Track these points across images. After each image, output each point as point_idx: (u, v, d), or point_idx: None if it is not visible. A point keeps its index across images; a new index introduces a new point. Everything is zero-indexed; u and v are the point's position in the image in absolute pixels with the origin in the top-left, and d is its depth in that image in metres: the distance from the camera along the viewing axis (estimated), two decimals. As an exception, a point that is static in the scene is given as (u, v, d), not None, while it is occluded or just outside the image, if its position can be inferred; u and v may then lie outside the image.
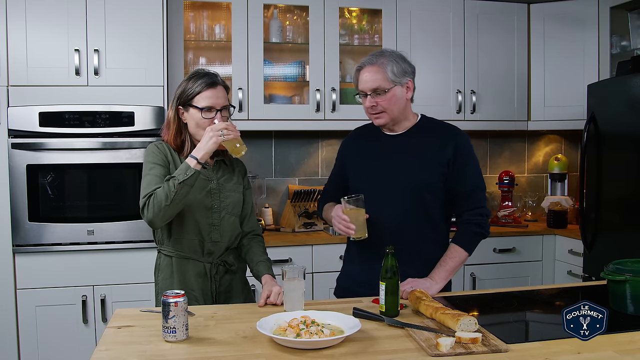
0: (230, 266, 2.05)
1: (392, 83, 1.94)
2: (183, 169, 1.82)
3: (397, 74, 1.94)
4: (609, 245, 2.99)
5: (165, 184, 1.82)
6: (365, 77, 1.96)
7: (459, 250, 1.99)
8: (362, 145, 2.12)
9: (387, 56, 1.96)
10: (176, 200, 1.81)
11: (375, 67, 1.94)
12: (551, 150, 4.13)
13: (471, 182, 2.01)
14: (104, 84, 2.92)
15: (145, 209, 1.84)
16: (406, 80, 1.98)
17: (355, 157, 2.12)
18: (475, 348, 1.41)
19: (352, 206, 1.92)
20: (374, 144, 2.08)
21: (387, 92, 1.94)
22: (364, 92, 1.97)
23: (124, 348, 1.47)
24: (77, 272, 2.90)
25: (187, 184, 1.80)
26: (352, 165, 2.12)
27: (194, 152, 1.84)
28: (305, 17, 3.47)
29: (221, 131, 1.83)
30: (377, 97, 1.95)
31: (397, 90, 1.96)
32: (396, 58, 1.97)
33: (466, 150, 2.03)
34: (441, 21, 3.56)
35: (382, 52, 1.99)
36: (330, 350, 1.42)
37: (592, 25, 3.52)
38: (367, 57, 1.99)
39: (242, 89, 3.29)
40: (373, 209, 1.96)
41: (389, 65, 1.94)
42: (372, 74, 1.94)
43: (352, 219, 1.91)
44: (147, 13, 2.95)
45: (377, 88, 1.94)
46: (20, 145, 2.82)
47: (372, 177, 2.03)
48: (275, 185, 3.72)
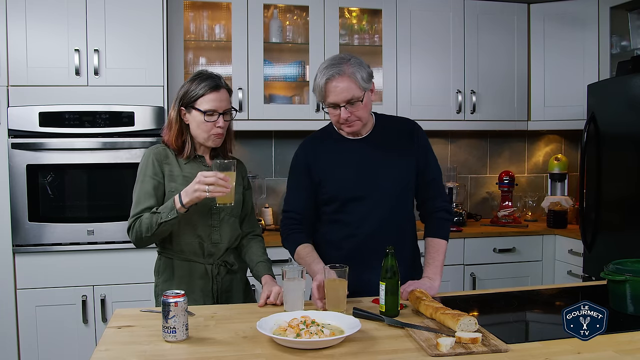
0: (231, 266, 2.05)
1: (363, 90, 1.88)
2: (168, 207, 1.84)
3: (365, 80, 1.89)
4: (609, 245, 2.99)
5: (149, 217, 1.86)
6: (337, 89, 1.86)
7: (441, 242, 2.03)
8: (328, 151, 2.03)
9: (352, 64, 1.87)
10: (157, 234, 1.89)
11: (346, 77, 1.85)
12: (551, 150, 4.13)
13: (433, 171, 2.07)
14: (104, 84, 2.92)
15: (130, 233, 1.93)
16: (371, 84, 1.93)
17: (325, 164, 2.01)
18: (475, 348, 1.41)
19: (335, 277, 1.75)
20: (342, 148, 2.01)
21: (361, 101, 1.88)
22: (336, 104, 1.89)
23: (124, 348, 1.47)
24: (77, 272, 2.90)
25: (169, 223, 1.85)
26: (323, 173, 2.00)
27: (182, 195, 1.82)
28: (305, 17, 3.47)
29: (207, 187, 1.78)
30: (352, 107, 1.88)
31: (367, 97, 1.91)
32: (359, 64, 1.89)
33: (424, 140, 2.07)
34: (441, 21, 3.56)
35: (343, 59, 1.89)
36: (330, 350, 1.42)
37: (592, 25, 3.52)
38: (330, 67, 1.87)
39: (242, 89, 3.29)
40: (359, 213, 1.97)
41: (357, 73, 1.87)
42: (345, 84, 1.85)
43: (333, 291, 1.74)
44: (147, 13, 2.95)
45: (351, 98, 1.87)
46: (20, 145, 2.82)
47: (351, 183, 1.97)
48: (275, 185, 3.72)
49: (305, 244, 1.99)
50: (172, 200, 1.84)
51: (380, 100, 3.52)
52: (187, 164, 2.00)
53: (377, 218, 1.97)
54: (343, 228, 2.00)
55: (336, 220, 2.02)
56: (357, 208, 1.97)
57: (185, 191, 1.83)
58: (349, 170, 1.99)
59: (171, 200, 1.85)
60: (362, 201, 1.97)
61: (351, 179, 1.98)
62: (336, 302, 1.74)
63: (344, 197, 1.98)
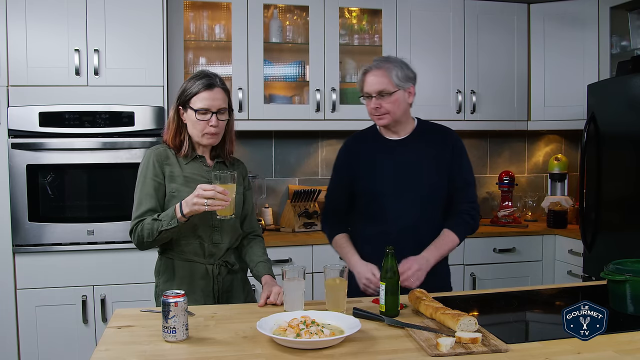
0: (231, 266, 2.05)
1: (396, 87, 2.04)
2: (169, 215, 1.84)
3: (401, 79, 2.05)
4: (609, 245, 2.99)
5: (151, 223, 1.87)
6: (371, 80, 2.05)
7: (453, 237, 2.08)
8: (369, 149, 2.17)
9: (392, 62, 2.07)
10: (158, 241, 1.90)
11: (381, 71, 2.04)
12: (551, 150, 4.13)
13: (465, 177, 2.16)
14: (104, 84, 2.92)
15: (132, 236, 1.94)
16: (409, 85, 2.08)
17: (364, 160, 2.16)
18: (475, 348, 1.41)
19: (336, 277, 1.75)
20: (381, 147, 2.15)
21: (391, 95, 2.04)
22: (369, 95, 2.06)
23: (124, 348, 1.47)
24: (77, 272, 2.90)
25: (170, 232, 1.86)
26: (363, 168, 2.15)
27: (183, 205, 1.81)
28: (305, 17, 3.47)
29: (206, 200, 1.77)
30: (382, 100, 2.04)
31: (400, 94, 2.05)
32: (401, 64, 2.07)
33: (461, 148, 2.18)
34: (441, 21, 3.56)
35: (388, 58, 2.11)
36: (330, 350, 1.42)
37: (592, 25, 3.52)
38: (374, 61, 2.09)
39: (242, 89, 3.29)
40: (392, 211, 2.08)
41: (394, 70, 2.04)
42: (378, 78, 2.04)
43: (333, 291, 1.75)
44: (147, 13, 2.95)
45: (382, 91, 2.03)
46: (20, 145, 2.82)
47: (387, 179, 2.10)
48: (275, 185, 3.72)
49: (342, 234, 2.17)
50: (174, 209, 1.84)
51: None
52: (187, 164, 1.99)
53: (410, 217, 2.07)
54: (376, 224, 2.11)
55: (370, 217, 2.13)
56: (391, 206, 2.09)
57: (185, 201, 1.82)
58: (385, 168, 2.11)
59: (172, 208, 1.85)
60: (396, 199, 2.08)
61: (387, 177, 2.10)
62: (336, 302, 1.74)
63: (378, 194, 2.10)
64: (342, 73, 3.52)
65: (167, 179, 1.96)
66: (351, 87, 3.56)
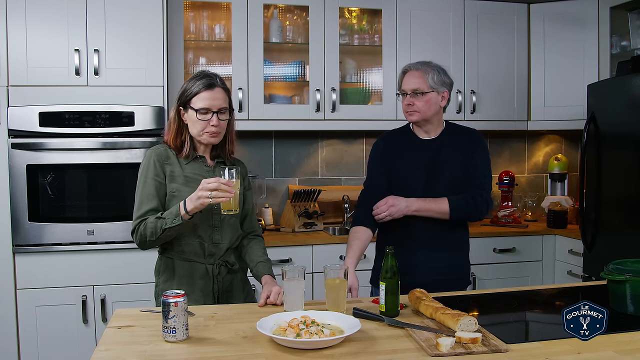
0: (231, 266, 2.05)
1: (430, 88, 2.18)
2: (173, 213, 1.85)
3: (436, 82, 2.19)
4: (609, 245, 2.99)
5: (154, 222, 1.87)
6: (408, 79, 2.21)
7: (444, 203, 2.16)
8: (402, 147, 2.29)
9: (431, 66, 2.22)
10: (161, 239, 1.91)
11: (419, 72, 2.20)
12: (551, 150, 4.13)
13: (479, 169, 2.24)
14: (104, 84, 2.92)
15: (134, 236, 1.94)
16: (443, 89, 2.22)
17: (398, 157, 2.27)
18: (475, 348, 1.41)
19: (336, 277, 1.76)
20: (413, 145, 2.28)
21: (424, 95, 2.18)
22: (405, 92, 2.21)
23: (124, 348, 1.47)
24: (77, 272, 2.90)
25: (173, 229, 1.86)
26: (395, 164, 2.26)
27: (187, 203, 1.82)
28: (305, 17, 3.47)
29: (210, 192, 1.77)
30: (415, 98, 2.19)
31: (432, 96, 2.19)
32: (439, 69, 2.22)
33: (482, 146, 2.31)
34: (441, 21, 3.56)
35: (429, 62, 2.25)
36: (330, 350, 1.42)
37: (592, 25, 3.52)
38: (414, 63, 2.25)
39: (242, 89, 3.29)
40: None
41: (431, 73, 2.19)
42: (415, 78, 2.19)
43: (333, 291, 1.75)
44: (147, 13, 2.95)
45: (416, 89, 2.18)
46: (20, 145, 2.82)
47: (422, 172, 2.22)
48: (275, 185, 3.72)
49: (360, 226, 2.21)
50: (177, 207, 1.84)
51: (380, 100, 3.52)
52: (188, 165, 2.00)
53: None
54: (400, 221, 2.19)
55: None
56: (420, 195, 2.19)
57: (189, 198, 1.82)
58: (416, 165, 2.24)
59: (176, 206, 1.85)
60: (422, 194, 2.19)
61: (417, 172, 2.22)
62: (336, 302, 1.74)
63: (407, 187, 2.21)
64: (342, 73, 3.52)
65: (167, 178, 1.96)
66: (351, 87, 3.56)
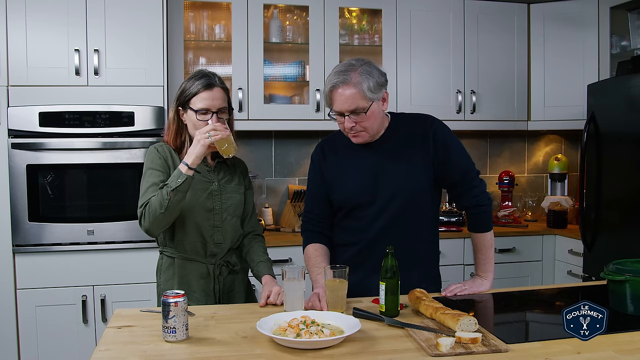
0: (233, 266, 2.05)
1: (370, 101, 1.82)
2: (175, 175, 1.82)
3: (373, 90, 1.82)
4: (609, 245, 2.99)
5: (159, 192, 1.83)
6: (341, 98, 1.81)
7: (483, 236, 2.02)
8: (338, 158, 2.01)
9: (359, 72, 1.81)
10: (170, 208, 1.81)
11: (350, 87, 1.80)
12: (551, 150, 4.13)
13: (459, 167, 1.96)
14: (104, 84, 2.92)
15: (142, 219, 1.86)
16: (382, 93, 1.86)
17: (334, 170, 2.00)
18: (475, 348, 1.41)
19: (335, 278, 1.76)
20: (351, 154, 1.98)
21: (366, 112, 1.83)
22: (341, 113, 1.84)
23: (124, 348, 1.47)
24: (77, 272, 2.90)
25: (180, 190, 1.80)
26: (332, 179, 2.00)
27: (185, 158, 1.84)
28: (305, 17, 3.47)
29: (208, 133, 1.82)
30: (357, 117, 1.83)
31: (374, 107, 1.84)
32: (369, 71, 1.82)
33: (444, 136, 1.95)
34: (441, 21, 3.56)
35: (352, 66, 1.83)
36: (330, 350, 1.42)
37: (592, 25, 3.52)
38: (337, 74, 1.82)
39: (242, 89, 3.29)
40: (366, 219, 1.94)
41: (364, 82, 1.80)
42: (348, 94, 1.80)
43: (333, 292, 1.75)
44: (147, 13, 2.95)
45: (355, 109, 1.82)
46: (20, 145, 2.82)
47: (357, 189, 1.94)
48: (275, 185, 3.72)
49: (314, 244, 2.01)
50: (178, 168, 1.83)
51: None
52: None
53: (382, 224, 1.93)
54: (349, 233, 1.99)
55: (344, 226, 2.02)
56: (362, 214, 1.95)
57: (188, 153, 1.83)
58: (355, 177, 1.96)
59: (176, 170, 1.83)
60: (367, 208, 1.94)
61: (357, 185, 1.95)
62: (336, 302, 1.74)
63: (350, 204, 1.97)
64: (342, 73, 3.51)
65: (171, 172, 1.95)
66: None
